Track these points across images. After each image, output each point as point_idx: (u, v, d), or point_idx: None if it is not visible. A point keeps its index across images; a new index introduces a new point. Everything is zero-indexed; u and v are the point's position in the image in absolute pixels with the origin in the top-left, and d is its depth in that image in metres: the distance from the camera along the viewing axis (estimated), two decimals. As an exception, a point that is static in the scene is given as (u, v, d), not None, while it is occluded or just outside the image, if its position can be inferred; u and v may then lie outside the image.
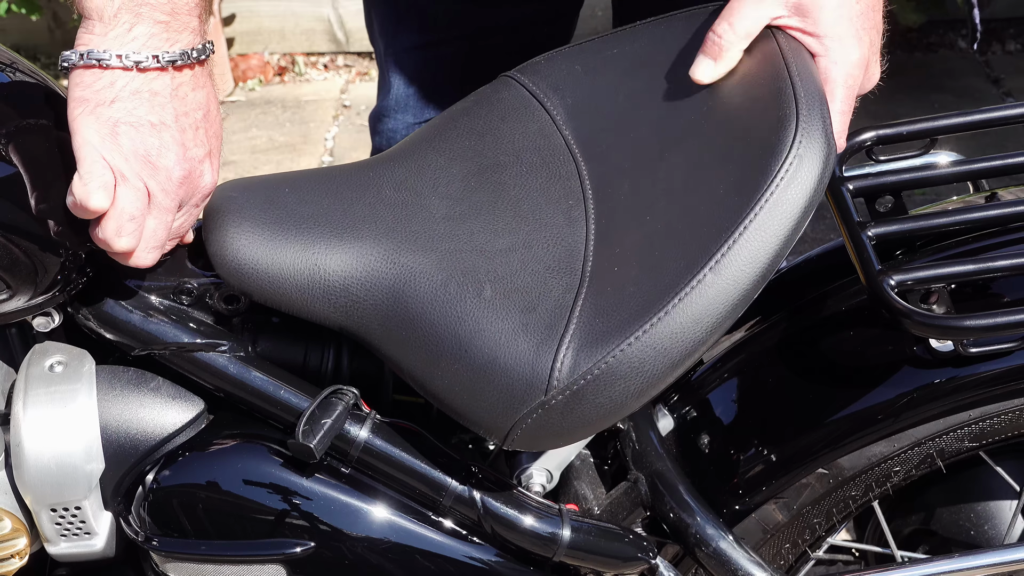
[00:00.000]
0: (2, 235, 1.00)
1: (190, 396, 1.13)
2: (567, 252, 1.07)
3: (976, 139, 1.28)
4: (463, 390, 1.04)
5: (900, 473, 1.24)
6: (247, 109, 3.66)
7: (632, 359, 1.00)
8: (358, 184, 1.13)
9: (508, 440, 1.04)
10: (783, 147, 1.01)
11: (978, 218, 1.20)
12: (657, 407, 1.28)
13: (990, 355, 1.17)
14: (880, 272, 1.14)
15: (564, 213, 1.09)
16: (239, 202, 1.10)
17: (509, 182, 1.12)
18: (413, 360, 1.06)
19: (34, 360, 1.10)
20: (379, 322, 1.07)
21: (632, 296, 1.02)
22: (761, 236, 1.00)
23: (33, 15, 3.48)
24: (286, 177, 1.16)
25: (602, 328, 1.01)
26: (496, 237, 1.08)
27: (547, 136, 1.14)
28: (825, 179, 1.02)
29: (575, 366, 1.01)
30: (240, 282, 1.08)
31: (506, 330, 1.03)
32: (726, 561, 1.19)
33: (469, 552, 1.14)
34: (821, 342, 1.25)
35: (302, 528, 1.11)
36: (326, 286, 1.07)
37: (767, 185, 1.00)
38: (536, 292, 1.05)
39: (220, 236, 1.08)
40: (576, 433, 1.07)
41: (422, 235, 1.08)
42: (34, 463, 1.07)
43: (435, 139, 1.17)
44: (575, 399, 1.01)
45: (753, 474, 1.23)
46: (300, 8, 3.84)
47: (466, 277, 1.05)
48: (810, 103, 1.03)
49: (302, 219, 1.09)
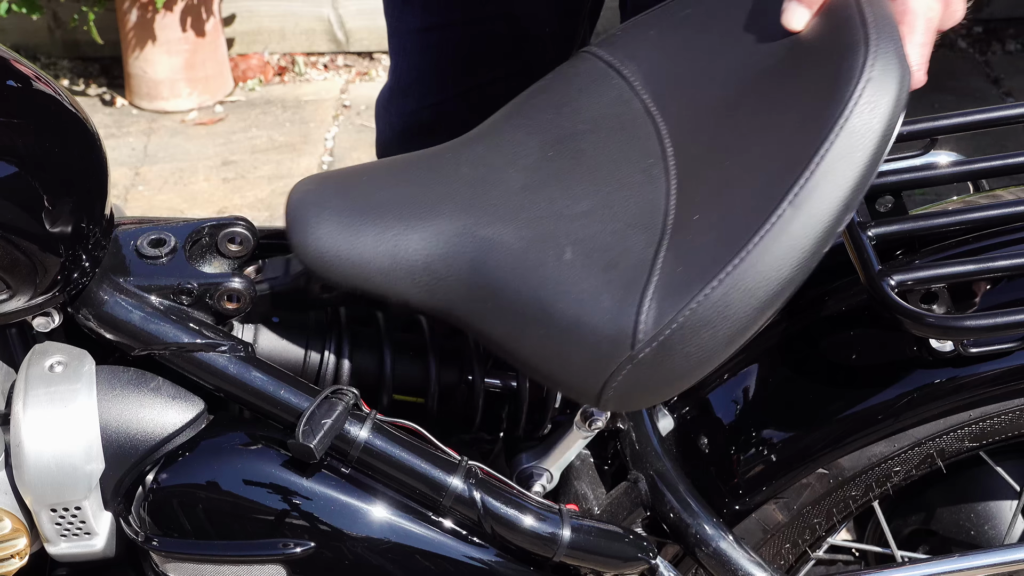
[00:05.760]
0: (2, 235, 1.00)
1: (190, 396, 1.13)
2: (647, 208, 1.05)
3: (976, 139, 1.28)
4: (551, 354, 1.04)
5: (900, 473, 1.24)
6: (247, 109, 3.66)
7: (717, 303, 0.98)
8: (435, 166, 1.13)
9: (602, 401, 1.03)
10: (853, 73, 0.99)
11: (978, 218, 1.20)
12: (657, 407, 1.28)
13: (990, 355, 1.17)
14: (880, 272, 1.14)
15: (644, 172, 1.08)
16: (317, 194, 1.11)
17: (587, 148, 1.11)
18: (500, 330, 1.06)
19: (34, 360, 1.10)
20: (463, 297, 1.07)
21: (712, 240, 1.00)
22: (840, 166, 0.98)
23: (33, 15, 3.48)
24: (362, 168, 1.17)
25: (684, 276, 1.00)
26: (575, 201, 1.07)
27: (626, 102, 1.13)
28: (902, 102, 1.00)
29: (659, 317, 0.99)
30: (324, 271, 1.09)
31: (588, 289, 1.02)
32: (726, 561, 1.19)
33: (469, 552, 1.14)
34: (821, 342, 1.25)
35: (302, 528, 1.11)
36: (408, 266, 1.07)
37: (840, 112, 0.98)
38: (617, 249, 1.04)
39: (301, 228, 1.08)
40: (669, 388, 1.05)
41: (500, 207, 1.08)
42: (34, 463, 1.07)
43: (513, 116, 1.17)
44: (663, 351, 1.00)
45: (753, 474, 1.23)
46: (300, 8, 3.84)
47: (546, 243, 1.05)
48: (879, 27, 1.01)
49: (380, 203, 1.09)
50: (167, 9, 3.51)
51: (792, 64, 1.06)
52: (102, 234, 1.08)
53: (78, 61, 3.87)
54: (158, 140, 3.51)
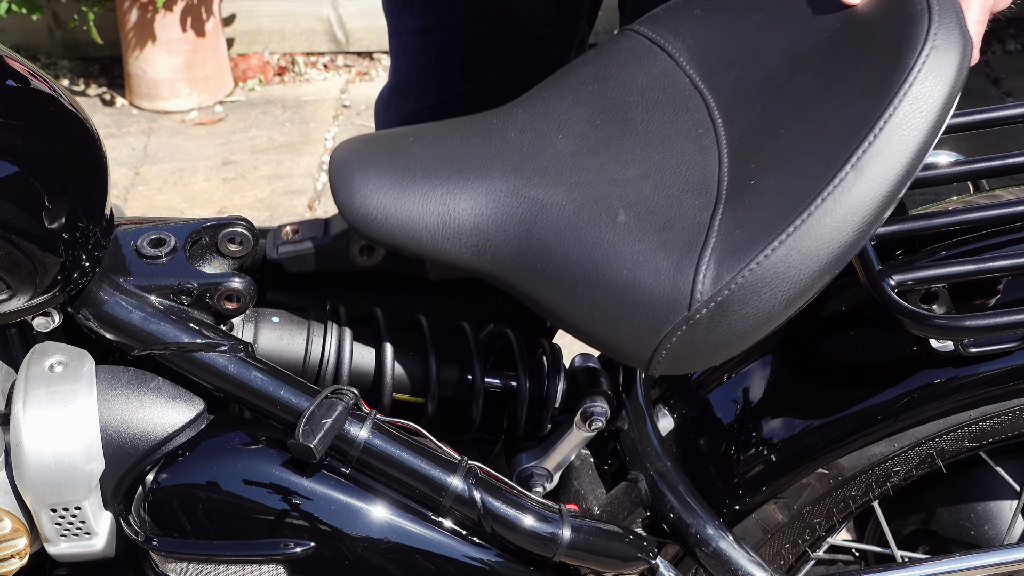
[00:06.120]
0: (2, 235, 1.00)
1: (190, 396, 1.13)
2: (700, 174, 1.05)
3: (976, 139, 1.28)
4: (603, 316, 1.03)
5: (900, 473, 1.24)
6: (247, 109, 3.66)
7: (777, 264, 0.99)
8: (482, 129, 1.12)
9: (652, 364, 1.03)
10: (917, 40, 1.00)
11: (978, 218, 1.20)
12: (657, 407, 1.28)
13: (990, 355, 1.17)
14: (880, 272, 1.14)
15: (695, 141, 1.08)
16: (364, 153, 1.10)
17: (635, 118, 1.11)
18: (549, 292, 1.06)
19: (34, 360, 1.10)
20: (512, 258, 1.07)
21: (772, 203, 1.00)
22: (902, 131, 0.99)
23: (33, 15, 3.48)
24: (409, 129, 1.16)
25: (743, 237, 1.00)
26: (626, 167, 1.07)
27: (671, 76, 1.14)
28: (964, 72, 1.01)
29: (718, 277, 0.99)
30: (371, 231, 1.08)
31: (643, 250, 1.02)
32: (726, 561, 1.19)
33: (469, 552, 1.14)
34: (821, 342, 1.25)
35: (302, 528, 1.11)
36: (457, 227, 1.07)
37: (904, 78, 0.99)
38: (671, 212, 1.03)
39: (348, 187, 1.08)
40: (723, 350, 1.04)
41: (551, 170, 1.08)
42: (34, 463, 1.07)
43: (558, 87, 1.16)
44: (720, 311, 0.99)
45: (753, 474, 1.23)
46: (300, 8, 3.84)
47: (599, 205, 1.04)
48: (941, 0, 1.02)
49: (428, 164, 1.09)
50: (167, 9, 3.51)
51: (849, 37, 1.06)
52: (102, 234, 1.08)
53: (78, 61, 3.87)
54: (158, 140, 3.51)
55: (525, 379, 1.21)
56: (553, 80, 1.18)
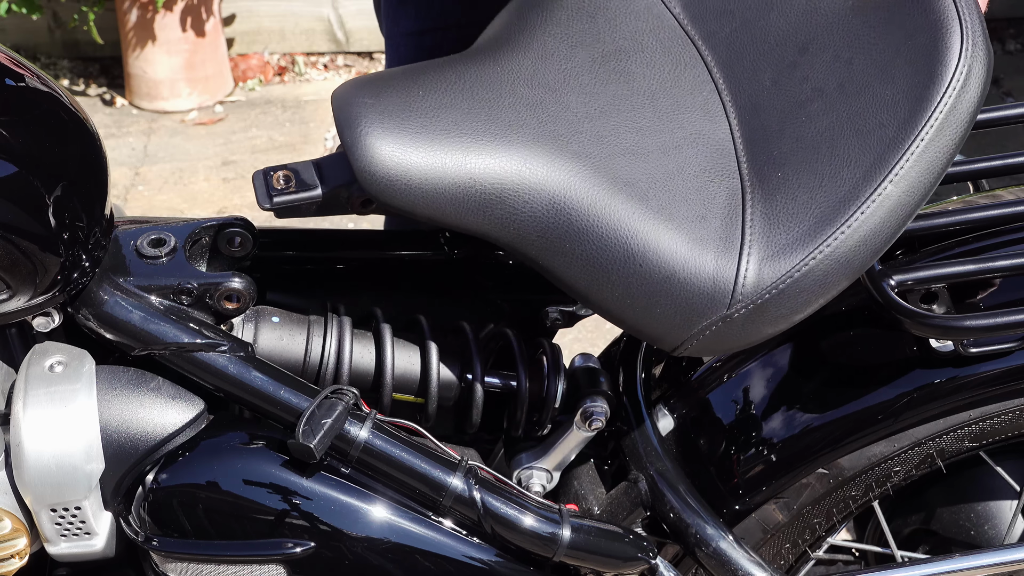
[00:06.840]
0: (2, 235, 1.00)
1: (190, 396, 1.13)
2: (717, 151, 1.06)
3: (976, 139, 1.28)
4: (635, 302, 1.04)
5: (900, 473, 1.24)
6: (247, 109, 3.66)
7: (819, 272, 1.01)
8: (491, 82, 1.10)
9: (680, 350, 1.05)
10: (951, 55, 1.01)
11: (978, 218, 1.20)
12: (657, 407, 1.28)
13: (990, 355, 1.17)
14: (880, 272, 1.14)
15: (701, 107, 1.09)
16: (378, 110, 1.07)
17: (636, 71, 1.11)
18: (578, 272, 1.06)
19: (34, 360, 1.10)
20: (538, 233, 1.06)
21: (808, 206, 1.02)
22: (937, 146, 1.01)
23: (33, 15, 3.48)
24: (413, 76, 1.12)
25: (783, 240, 1.02)
26: (642, 136, 1.07)
27: (658, 17, 1.14)
28: (987, 84, 1.02)
29: (760, 279, 1.02)
30: (391, 198, 1.06)
31: (681, 243, 1.03)
32: (726, 561, 1.19)
33: (469, 552, 1.14)
34: (821, 342, 1.25)
35: (302, 528, 1.11)
36: (481, 198, 1.06)
37: (942, 94, 1.01)
38: (700, 199, 1.04)
39: (366, 151, 1.05)
40: (749, 341, 1.07)
41: (571, 140, 1.06)
42: (34, 463, 1.07)
43: (546, 22, 1.15)
44: (758, 311, 1.02)
45: (753, 474, 1.23)
46: (300, 8, 3.84)
47: (628, 187, 1.04)
48: (968, 3, 1.03)
49: (447, 128, 1.06)
50: (167, 9, 3.51)
51: (868, 26, 1.06)
52: (102, 234, 1.08)
53: (78, 61, 3.87)
54: (158, 140, 3.51)
55: (525, 379, 1.20)
56: (536, 10, 1.15)
